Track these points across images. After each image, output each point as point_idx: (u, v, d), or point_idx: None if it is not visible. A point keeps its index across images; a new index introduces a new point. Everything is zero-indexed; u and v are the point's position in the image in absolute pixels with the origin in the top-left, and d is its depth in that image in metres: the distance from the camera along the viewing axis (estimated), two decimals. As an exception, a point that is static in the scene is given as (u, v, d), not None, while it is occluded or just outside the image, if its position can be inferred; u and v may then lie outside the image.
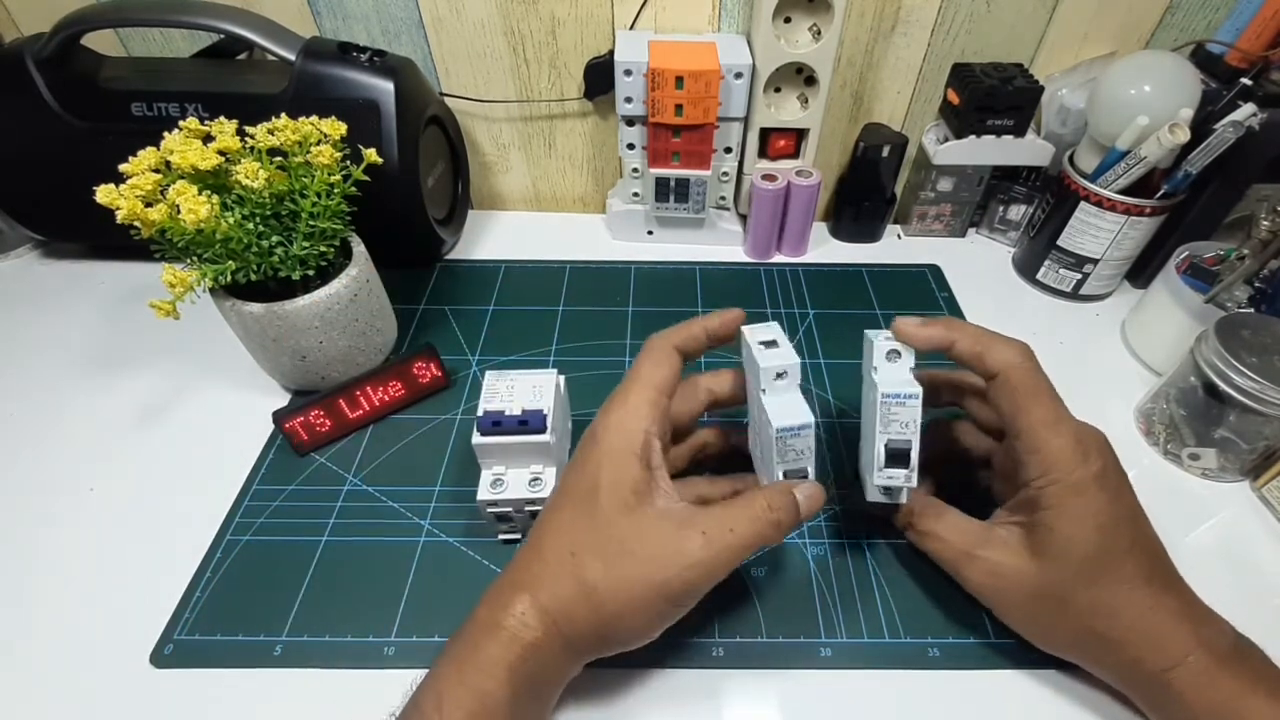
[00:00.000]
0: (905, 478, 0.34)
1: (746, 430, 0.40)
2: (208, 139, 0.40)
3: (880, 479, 0.35)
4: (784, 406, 0.33)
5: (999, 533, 0.34)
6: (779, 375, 0.34)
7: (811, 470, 0.34)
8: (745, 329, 0.36)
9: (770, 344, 0.35)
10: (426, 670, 0.30)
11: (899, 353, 0.35)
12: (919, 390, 0.33)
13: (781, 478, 0.33)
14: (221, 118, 0.41)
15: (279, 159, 0.42)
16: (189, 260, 0.40)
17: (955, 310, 0.57)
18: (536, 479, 0.38)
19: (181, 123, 0.41)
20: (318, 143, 0.42)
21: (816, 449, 0.33)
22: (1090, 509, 0.30)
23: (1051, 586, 0.32)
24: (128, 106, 0.50)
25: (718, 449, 0.41)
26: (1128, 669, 0.32)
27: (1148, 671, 0.30)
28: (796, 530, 0.33)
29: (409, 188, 0.53)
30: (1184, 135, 0.46)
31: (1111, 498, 0.31)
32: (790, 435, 0.32)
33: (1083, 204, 0.53)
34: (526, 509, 0.39)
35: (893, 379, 0.34)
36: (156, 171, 0.38)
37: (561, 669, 0.31)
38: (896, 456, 0.34)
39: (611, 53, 0.55)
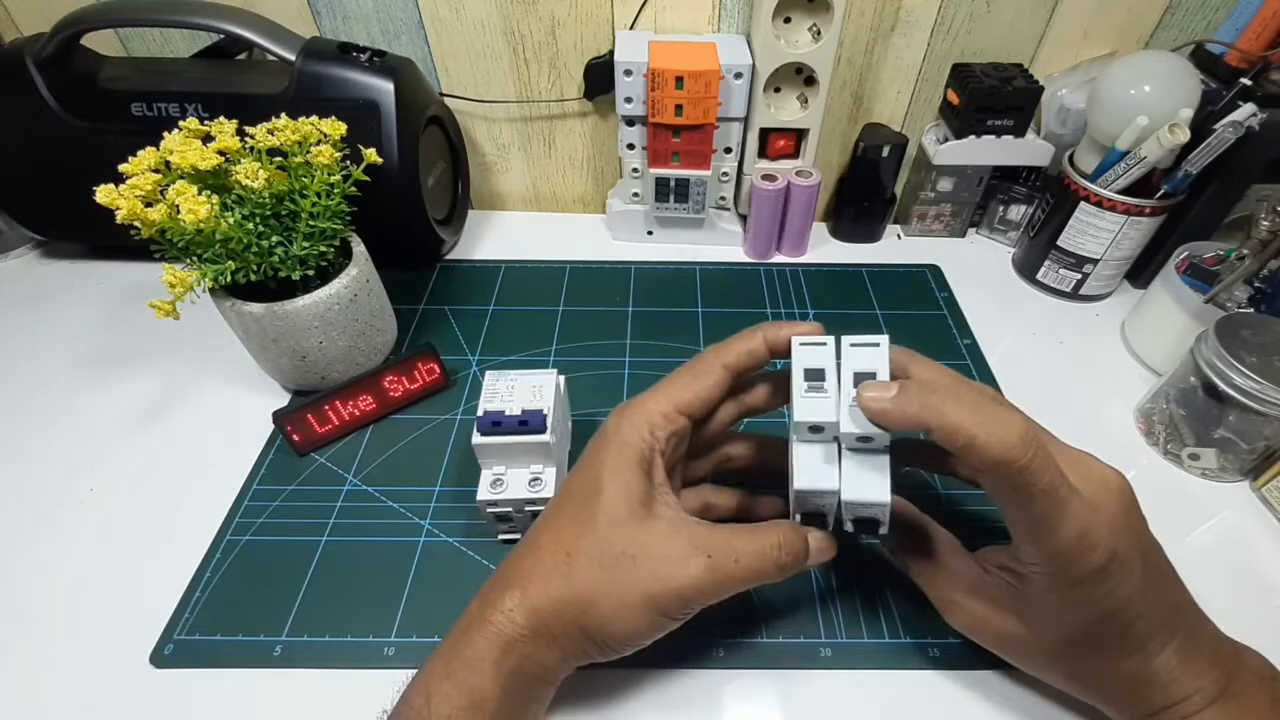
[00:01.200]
0: (879, 537, 0.31)
1: (773, 443, 0.36)
2: (208, 139, 0.40)
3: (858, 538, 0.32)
4: (813, 461, 0.30)
5: (986, 580, 0.32)
6: (813, 429, 0.30)
7: (830, 521, 0.31)
8: (797, 342, 0.31)
9: (816, 379, 0.30)
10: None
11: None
12: (888, 500, 0.29)
13: (798, 520, 0.32)
14: (221, 118, 0.41)
15: (279, 159, 0.42)
16: (189, 260, 0.40)
17: (955, 311, 0.57)
18: (536, 479, 0.38)
19: (181, 123, 0.41)
20: (318, 143, 0.42)
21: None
22: (1085, 599, 0.28)
23: (1032, 649, 0.31)
24: (128, 106, 0.50)
25: (744, 463, 0.37)
26: (1110, 710, 0.32)
27: (1127, 717, 0.31)
28: (798, 573, 0.31)
29: (409, 188, 0.53)
30: (1184, 135, 0.46)
31: (1117, 583, 0.27)
32: (814, 496, 0.30)
33: (1083, 204, 0.53)
34: (526, 509, 0.39)
35: (858, 478, 0.29)
36: (156, 171, 0.38)
37: (549, 668, 0.30)
38: (866, 523, 0.31)
39: (611, 53, 0.56)
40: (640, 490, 0.30)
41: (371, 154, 0.44)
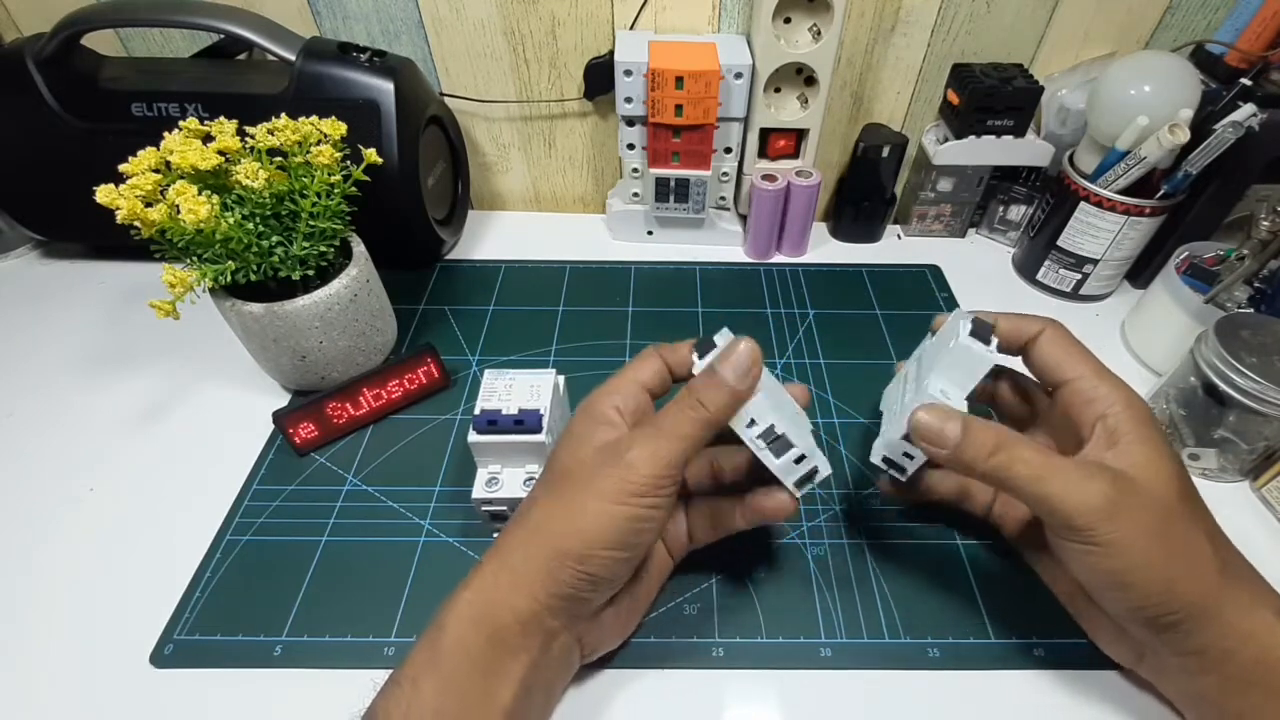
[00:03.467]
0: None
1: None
2: (208, 139, 0.40)
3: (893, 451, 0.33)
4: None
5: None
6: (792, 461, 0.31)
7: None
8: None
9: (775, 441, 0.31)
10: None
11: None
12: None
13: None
14: (221, 118, 0.41)
15: (279, 159, 0.42)
16: (189, 260, 0.40)
17: (954, 310, 0.57)
18: (532, 478, 0.38)
19: (181, 123, 0.41)
20: (318, 143, 0.42)
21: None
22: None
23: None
24: (128, 106, 0.50)
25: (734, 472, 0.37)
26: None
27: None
28: (730, 411, 0.30)
29: (409, 188, 0.53)
30: (1184, 135, 0.46)
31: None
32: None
33: (1083, 204, 0.53)
34: (525, 509, 0.39)
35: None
36: (156, 171, 0.38)
37: (522, 615, 0.29)
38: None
39: (611, 53, 0.56)
40: (592, 436, 0.31)
41: (371, 154, 0.44)
